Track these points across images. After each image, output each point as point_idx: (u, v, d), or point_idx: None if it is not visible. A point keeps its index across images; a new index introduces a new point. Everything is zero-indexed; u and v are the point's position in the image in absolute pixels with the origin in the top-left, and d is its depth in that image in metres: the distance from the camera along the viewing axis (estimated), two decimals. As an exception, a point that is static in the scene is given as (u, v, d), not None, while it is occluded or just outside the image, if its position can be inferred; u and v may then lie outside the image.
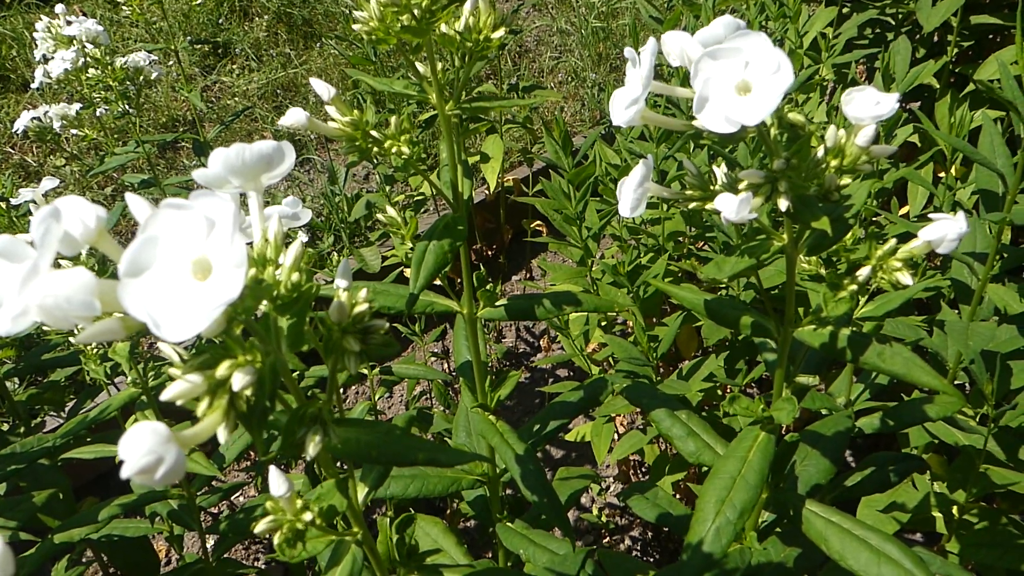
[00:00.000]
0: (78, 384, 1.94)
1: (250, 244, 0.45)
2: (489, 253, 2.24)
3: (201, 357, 0.38)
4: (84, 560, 1.78)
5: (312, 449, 0.40)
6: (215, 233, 0.33)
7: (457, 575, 0.59)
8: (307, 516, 0.45)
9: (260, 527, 0.45)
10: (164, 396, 0.36)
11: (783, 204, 0.51)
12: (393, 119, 0.57)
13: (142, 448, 0.33)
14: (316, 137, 2.50)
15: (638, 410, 1.61)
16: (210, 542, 1.70)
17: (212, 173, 0.44)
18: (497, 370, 2.18)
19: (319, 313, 0.43)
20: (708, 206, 0.55)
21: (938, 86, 2.03)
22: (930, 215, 0.54)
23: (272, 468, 0.44)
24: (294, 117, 0.55)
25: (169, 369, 0.40)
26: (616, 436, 1.89)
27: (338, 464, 0.58)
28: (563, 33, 2.92)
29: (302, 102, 2.60)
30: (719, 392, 1.58)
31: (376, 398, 1.40)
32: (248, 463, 1.88)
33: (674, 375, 1.49)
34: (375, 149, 0.57)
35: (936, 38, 2.07)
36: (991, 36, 2.06)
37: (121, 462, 0.33)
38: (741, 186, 0.53)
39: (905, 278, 0.55)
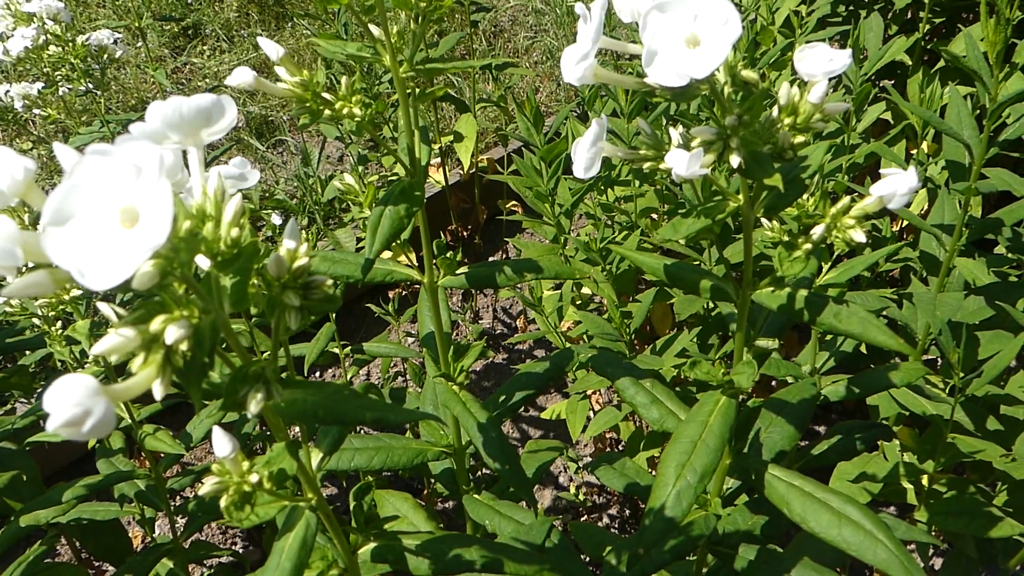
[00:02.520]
0: (49, 370, 1.92)
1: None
2: (464, 234, 2.23)
3: (137, 312, 0.38)
4: (58, 547, 1.77)
5: (253, 407, 0.40)
6: (140, 179, 0.33)
7: (416, 540, 0.59)
8: (253, 477, 0.45)
9: (205, 489, 0.44)
10: (94, 350, 0.35)
11: (735, 160, 0.51)
12: (344, 79, 0.56)
13: (69, 400, 0.32)
14: (290, 118, 2.48)
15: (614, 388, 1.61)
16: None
17: (150, 128, 0.43)
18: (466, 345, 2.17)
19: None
20: (662, 166, 0.55)
21: (910, 63, 2.04)
22: (882, 171, 0.54)
23: (215, 428, 0.44)
24: (240, 76, 0.54)
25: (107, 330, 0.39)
26: (592, 414, 1.90)
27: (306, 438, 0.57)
28: (538, 13, 2.90)
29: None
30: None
31: (349, 377, 1.40)
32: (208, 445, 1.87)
33: (647, 351, 1.49)
34: (326, 111, 0.56)
35: (909, 15, 2.07)
36: (963, 13, 2.07)
37: (47, 415, 0.32)
38: (693, 143, 0.52)
39: (858, 235, 0.55)
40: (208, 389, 0.46)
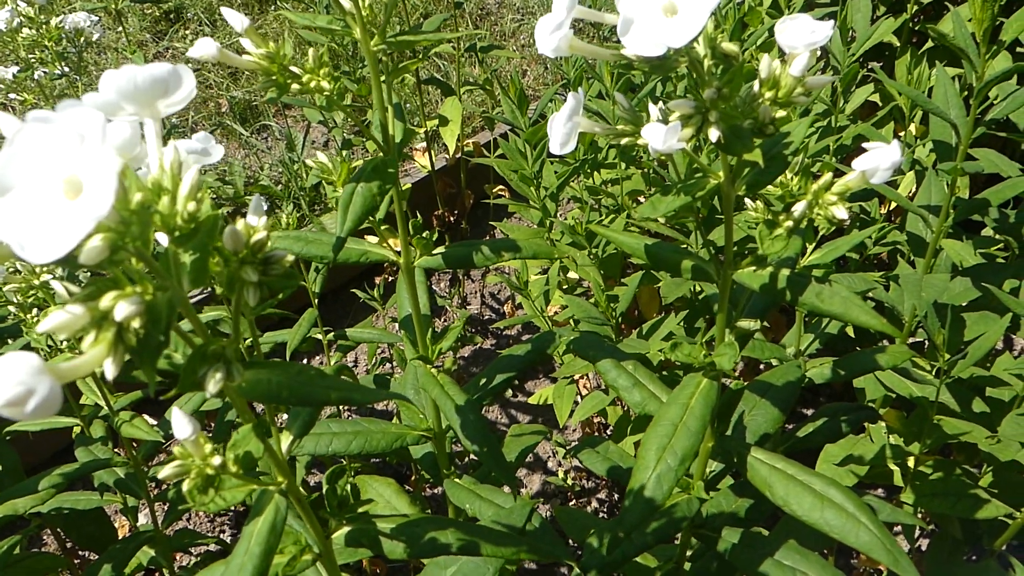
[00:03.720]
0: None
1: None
2: (451, 219, 2.21)
3: (87, 289, 0.36)
4: (45, 538, 1.76)
5: (212, 386, 0.38)
6: (83, 147, 0.31)
7: (391, 523, 0.58)
8: (216, 460, 0.43)
9: (165, 472, 0.43)
10: (41, 327, 0.34)
11: (713, 135, 0.49)
12: (311, 51, 0.54)
13: (11, 379, 0.31)
14: (274, 103, 2.45)
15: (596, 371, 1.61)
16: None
17: (104, 99, 0.41)
18: (461, 335, 2.16)
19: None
20: (640, 141, 0.53)
21: (898, 44, 2.03)
22: (864, 144, 0.53)
23: (174, 409, 0.42)
24: (203, 48, 0.52)
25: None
26: (580, 399, 1.89)
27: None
28: (526, -4, 2.87)
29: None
30: (679, 352, 1.57)
31: (333, 363, 1.38)
32: (208, 432, 1.85)
33: (634, 334, 1.48)
34: (294, 84, 0.55)
35: (897, -4, 2.06)
36: (951, -7, 2.06)
37: None
38: (672, 117, 0.51)
39: (840, 212, 0.54)
40: (169, 369, 0.45)
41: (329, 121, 1.78)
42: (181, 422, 0.42)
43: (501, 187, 2.16)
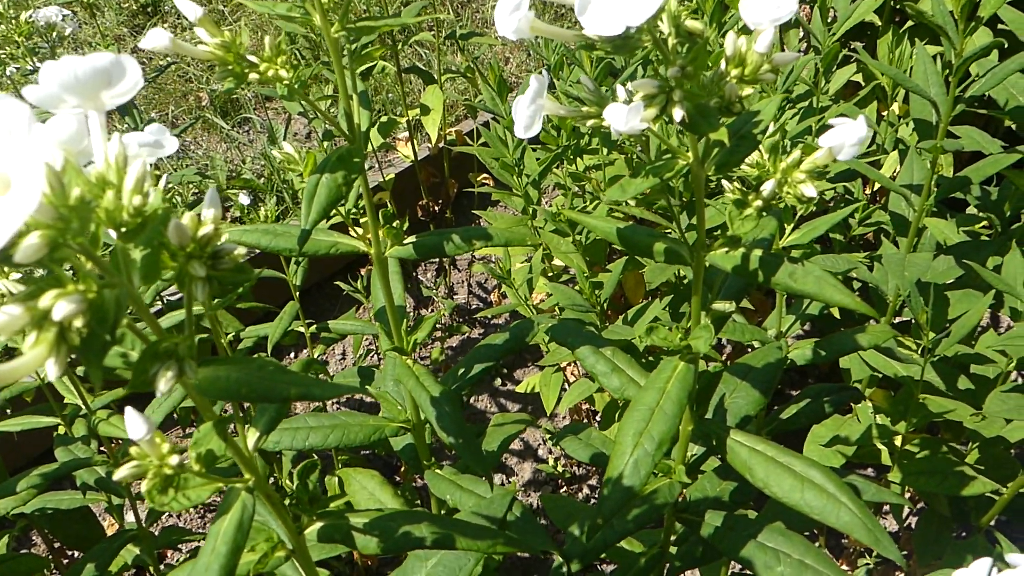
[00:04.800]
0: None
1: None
2: (435, 208, 2.20)
3: (28, 289, 0.35)
4: (34, 538, 1.75)
5: (163, 385, 0.37)
6: (9, 142, 0.30)
7: (364, 518, 0.57)
8: (173, 460, 0.42)
9: (120, 473, 0.42)
10: (-23, 329, 0.33)
11: (677, 114, 0.48)
12: (268, 39, 0.53)
13: (-57, 383, 0.30)
14: (254, 96, 2.42)
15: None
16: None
17: (45, 92, 0.40)
18: (448, 325, 2.16)
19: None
20: (604, 122, 0.52)
21: (880, 23, 2.02)
22: (830, 121, 0.52)
23: (128, 409, 0.41)
24: (155, 39, 0.51)
25: None
26: (568, 386, 1.89)
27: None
28: (507, -18, 2.85)
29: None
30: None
31: (316, 356, 1.37)
32: (194, 429, 1.84)
33: (619, 320, 1.48)
34: (252, 74, 0.53)
35: (878, -26, 2.05)
36: (932, -29, 2.05)
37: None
38: (636, 97, 0.50)
39: (809, 190, 0.53)
40: (124, 368, 0.44)
41: (309, 112, 1.77)
42: (134, 421, 0.41)
43: (485, 176, 2.14)
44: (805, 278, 0.58)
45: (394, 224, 0.67)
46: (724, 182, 0.66)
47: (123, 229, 0.39)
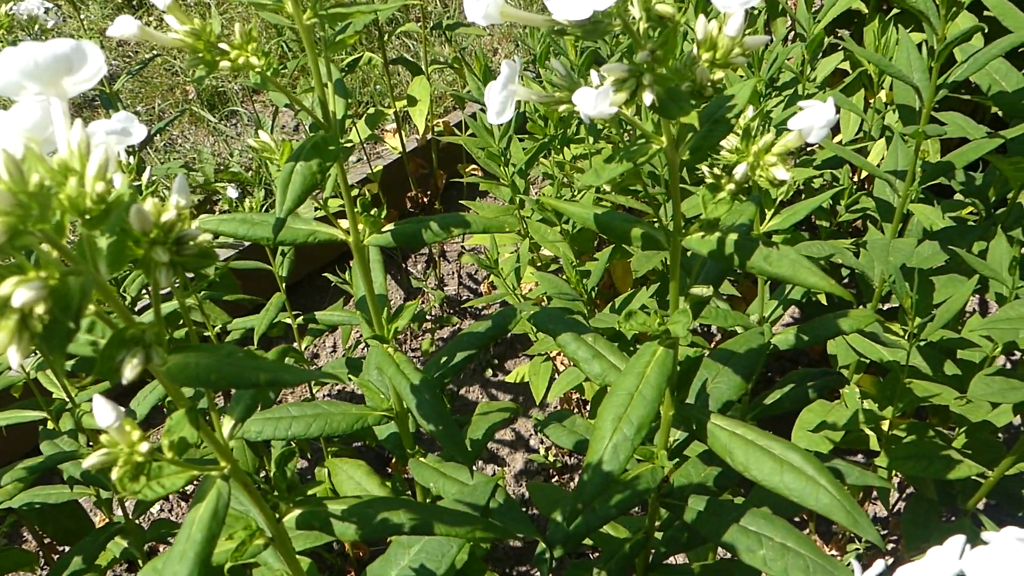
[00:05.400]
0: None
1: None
2: (424, 200, 2.20)
3: (-11, 276, 0.35)
4: (25, 535, 1.74)
5: (129, 372, 0.37)
6: (-37, 126, 0.30)
7: (342, 505, 0.57)
8: (143, 447, 0.42)
9: (90, 461, 0.42)
10: (-64, 316, 0.33)
11: (647, 98, 0.48)
12: (237, 26, 0.53)
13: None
14: (242, 88, 2.41)
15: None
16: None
17: (5, 78, 0.40)
18: (438, 316, 2.16)
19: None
20: (576, 108, 0.52)
21: (867, 11, 2.02)
22: (800, 104, 0.52)
23: (96, 396, 0.41)
24: (122, 26, 0.50)
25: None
26: (557, 376, 1.89)
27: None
28: (495, -28, 2.84)
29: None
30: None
31: (304, 347, 1.37)
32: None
33: (607, 309, 1.48)
34: (223, 61, 0.53)
35: (864, -39, 2.05)
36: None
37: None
38: (607, 81, 0.50)
39: (780, 173, 0.53)
40: (91, 356, 0.44)
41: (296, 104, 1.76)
42: (102, 409, 0.41)
43: (474, 167, 2.14)
44: (780, 261, 0.59)
45: (372, 212, 0.67)
46: (704, 168, 0.66)
47: (87, 216, 0.39)
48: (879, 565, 0.53)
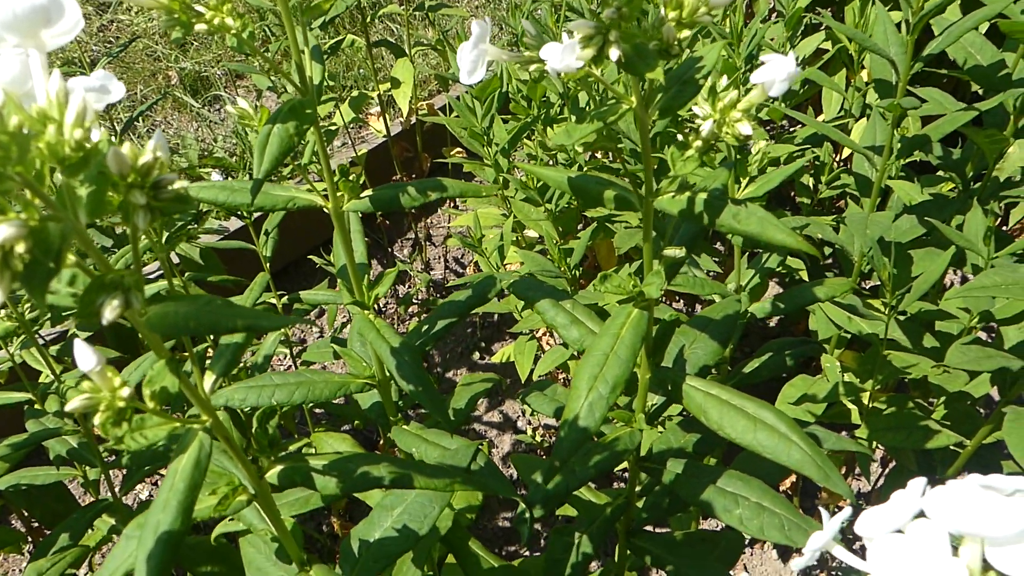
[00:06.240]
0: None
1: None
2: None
3: (-31, 218, 0.36)
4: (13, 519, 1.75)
5: (109, 313, 0.38)
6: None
7: (322, 460, 0.58)
8: (124, 392, 0.44)
9: (72, 404, 0.43)
10: (-83, 253, 0.34)
11: (614, 54, 0.50)
12: (213, -11, 0.54)
13: None
14: (224, 74, 2.41)
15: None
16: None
17: (-17, 31, 0.40)
18: (425, 299, 2.16)
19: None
20: (546, 65, 0.53)
21: (847, -10, 2.03)
22: (762, 58, 0.54)
23: (76, 341, 0.42)
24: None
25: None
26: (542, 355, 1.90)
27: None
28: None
29: (206, 39, 2.50)
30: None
31: (291, 327, 1.38)
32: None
33: (590, 286, 1.49)
34: (198, 23, 0.54)
35: (844, -60, 2.06)
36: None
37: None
38: (574, 37, 0.51)
39: (745, 128, 0.55)
40: (71, 306, 0.45)
41: (278, 88, 1.76)
42: (84, 353, 0.42)
43: (459, 149, 2.15)
44: (748, 219, 0.60)
45: (351, 177, 0.68)
46: (679, 136, 0.67)
47: (66, 163, 0.40)
48: (847, 511, 0.54)
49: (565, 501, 0.78)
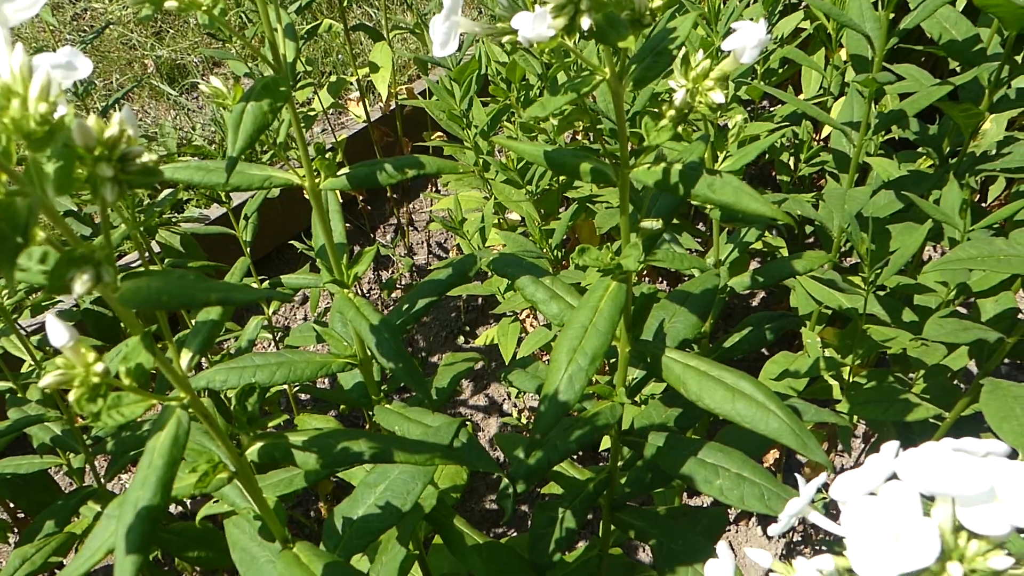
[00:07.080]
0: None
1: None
2: (391, 169, 2.19)
3: (-66, 191, 0.36)
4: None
5: (79, 287, 0.38)
6: None
7: (302, 436, 0.58)
8: (99, 367, 0.43)
9: (45, 381, 0.43)
10: None
11: (585, 23, 0.50)
12: (181, -36, 0.53)
13: None
14: (202, 61, 2.38)
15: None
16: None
17: (-57, 5, 0.40)
18: (407, 284, 2.16)
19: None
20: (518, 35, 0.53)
21: (825, -32, 2.03)
22: (732, 25, 0.54)
23: (48, 316, 0.42)
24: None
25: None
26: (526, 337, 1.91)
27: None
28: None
29: (183, 26, 2.47)
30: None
31: (271, 312, 1.38)
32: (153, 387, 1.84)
33: (571, 266, 1.50)
34: (169, 1, 0.54)
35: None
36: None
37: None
38: (547, 7, 0.51)
39: (717, 96, 0.55)
40: (43, 283, 0.44)
41: (255, 75, 1.75)
42: (56, 329, 0.42)
43: (439, 134, 2.14)
44: (723, 188, 0.60)
45: (327, 156, 0.68)
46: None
47: (31, 138, 0.39)
48: (822, 476, 0.55)
49: (547, 475, 0.79)
